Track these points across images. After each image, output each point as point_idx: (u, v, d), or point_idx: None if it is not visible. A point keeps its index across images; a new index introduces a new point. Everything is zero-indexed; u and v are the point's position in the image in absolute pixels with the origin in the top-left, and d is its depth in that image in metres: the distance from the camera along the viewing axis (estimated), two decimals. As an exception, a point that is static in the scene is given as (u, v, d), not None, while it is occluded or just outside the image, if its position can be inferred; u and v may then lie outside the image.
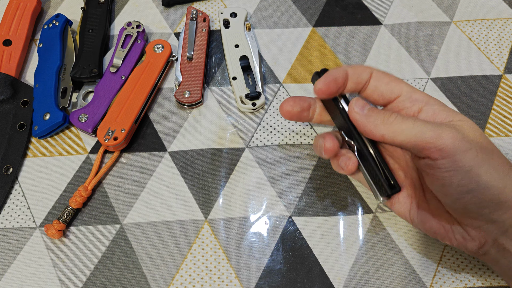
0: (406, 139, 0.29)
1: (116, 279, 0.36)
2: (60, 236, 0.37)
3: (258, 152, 0.41)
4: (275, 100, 0.44)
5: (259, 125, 0.43)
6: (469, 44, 0.48)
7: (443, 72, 0.46)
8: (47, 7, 0.50)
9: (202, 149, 0.41)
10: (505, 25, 0.49)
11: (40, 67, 0.44)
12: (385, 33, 0.48)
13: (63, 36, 0.46)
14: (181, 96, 0.43)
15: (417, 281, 0.36)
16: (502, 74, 0.46)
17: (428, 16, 0.49)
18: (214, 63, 0.46)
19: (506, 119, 0.43)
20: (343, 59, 0.47)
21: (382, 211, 0.39)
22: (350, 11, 0.50)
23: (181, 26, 0.49)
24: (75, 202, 0.38)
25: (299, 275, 0.36)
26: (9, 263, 0.37)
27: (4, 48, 0.45)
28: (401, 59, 0.47)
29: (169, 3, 0.50)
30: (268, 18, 0.49)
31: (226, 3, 0.51)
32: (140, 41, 0.45)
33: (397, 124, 0.29)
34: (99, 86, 0.43)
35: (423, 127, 0.28)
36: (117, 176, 0.40)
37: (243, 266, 0.36)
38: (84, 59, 0.44)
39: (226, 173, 0.40)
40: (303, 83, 0.45)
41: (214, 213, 0.38)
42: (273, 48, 0.47)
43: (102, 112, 0.41)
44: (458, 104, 0.44)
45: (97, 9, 0.47)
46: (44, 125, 0.41)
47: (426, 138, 0.28)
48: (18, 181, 0.40)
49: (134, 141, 0.42)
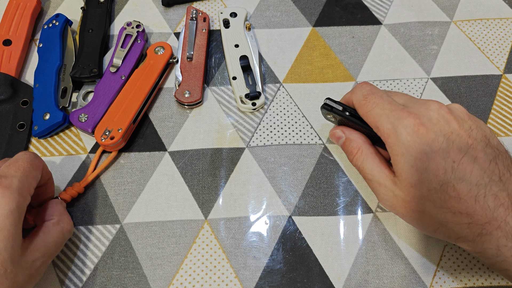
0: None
1: (116, 279, 0.36)
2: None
3: (258, 152, 0.41)
4: (275, 100, 0.44)
5: (259, 125, 0.43)
6: (469, 44, 0.48)
7: (443, 72, 0.46)
8: (47, 7, 0.50)
9: (202, 149, 0.41)
10: (505, 24, 0.49)
11: (40, 67, 0.44)
12: (385, 33, 0.48)
13: (63, 36, 0.46)
14: (181, 96, 0.43)
15: (417, 281, 0.36)
16: (502, 74, 0.46)
17: (428, 16, 0.49)
18: (214, 63, 0.46)
19: (506, 118, 0.43)
20: (343, 59, 0.47)
21: (382, 211, 0.39)
22: (350, 11, 0.50)
23: (181, 26, 0.49)
24: (64, 194, 0.37)
25: (299, 275, 0.36)
26: (9, 263, 0.36)
27: (4, 48, 0.45)
28: (401, 59, 0.47)
29: (169, 3, 0.50)
30: (268, 18, 0.49)
31: (226, 3, 0.51)
32: (140, 41, 0.45)
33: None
34: (99, 86, 0.43)
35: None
36: (117, 176, 0.40)
37: (243, 266, 0.36)
38: (84, 59, 0.44)
39: (226, 173, 0.40)
40: (303, 82, 0.45)
41: (214, 213, 0.38)
42: (273, 48, 0.47)
43: (102, 112, 0.41)
44: (458, 103, 0.44)
45: (97, 9, 0.47)
46: (44, 125, 0.41)
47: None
48: (18, 181, 0.40)
49: (134, 141, 0.42)
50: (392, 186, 0.32)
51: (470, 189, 0.28)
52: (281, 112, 0.43)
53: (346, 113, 0.36)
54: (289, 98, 0.44)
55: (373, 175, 0.33)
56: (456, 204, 0.29)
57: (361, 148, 0.35)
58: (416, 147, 0.30)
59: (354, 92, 0.35)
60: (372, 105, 0.33)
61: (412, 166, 0.30)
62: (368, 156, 0.34)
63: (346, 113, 0.36)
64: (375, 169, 0.33)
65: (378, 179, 0.33)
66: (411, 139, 0.30)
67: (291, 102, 0.44)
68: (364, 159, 0.34)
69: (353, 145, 0.35)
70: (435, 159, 0.29)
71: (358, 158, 0.35)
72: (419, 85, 0.45)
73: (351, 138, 0.36)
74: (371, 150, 0.35)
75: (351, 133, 0.36)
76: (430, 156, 0.29)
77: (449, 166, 0.29)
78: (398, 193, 0.31)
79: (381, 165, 0.33)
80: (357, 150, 0.35)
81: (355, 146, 0.35)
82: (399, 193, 0.31)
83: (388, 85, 0.45)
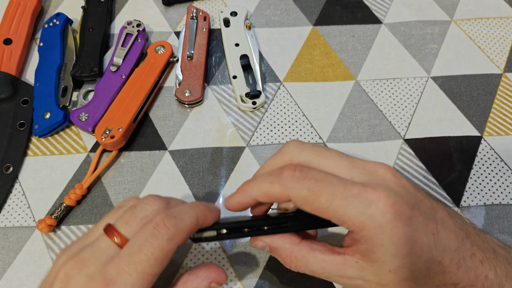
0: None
1: (116, 278, 0.36)
2: (49, 230, 0.37)
3: (258, 151, 0.41)
4: (275, 99, 0.44)
5: (259, 124, 0.43)
6: (469, 42, 0.48)
7: (443, 70, 0.46)
8: (47, 6, 0.50)
9: (202, 148, 0.41)
10: (505, 23, 0.49)
11: (41, 66, 0.44)
12: (385, 31, 0.48)
13: (64, 35, 0.46)
14: (181, 95, 0.43)
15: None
16: (502, 73, 0.46)
17: (428, 14, 0.49)
18: (214, 62, 0.46)
19: (506, 117, 0.43)
20: (343, 57, 0.47)
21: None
22: (350, 10, 0.50)
23: (182, 25, 0.49)
24: (69, 199, 0.38)
25: (299, 275, 0.36)
26: (9, 262, 0.37)
27: (4, 47, 0.45)
28: (401, 57, 0.47)
29: (169, 2, 0.50)
30: (268, 17, 0.49)
31: (227, 2, 0.51)
32: (141, 40, 0.45)
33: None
34: (99, 85, 0.43)
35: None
36: (117, 175, 0.40)
37: (243, 265, 0.36)
38: (84, 58, 0.44)
39: (227, 172, 0.40)
40: (304, 81, 0.45)
41: (215, 212, 0.38)
42: (274, 47, 0.47)
43: (103, 111, 0.41)
44: (458, 103, 0.44)
45: (97, 8, 0.47)
46: (44, 124, 0.41)
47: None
48: (18, 180, 0.40)
49: (134, 140, 0.42)
50: (358, 273, 0.27)
51: (452, 257, 0.26)
52: (282, 111, 0.43)
53: (223, 232, 0.29)
54: (289, 97, 0.44)
55: (328, 273, 0.28)
56: (441, 277, 0.26)
57: (292, 254, 0.29)
58: (398, 233, 0.25)
59: (287, 186, 0.27)
60: (327, 197, 0.26)
61: (393, 255, 0.25)
62: (308, 258, 0.28)
63: (224, 231, 0.29)
64: (327, 267, 0.28)
65: (335, 274, 0.28)
66: (392, 225, 0.25)
67: (292, 101, 0.44)
68: (307, 263, 0.28)
69: (282, 254, 0.29)
70: (418, 238, 0.26)
71: (298, 265, 0.29)
72: (419, 84, 0.45)
73: (275, 247, 0.29)
74: (306, 250, 0.28)
75: (271, 240, 0.29)
76: (413, 238, 0.25)
77: (431, 241, 0.26)
78: (370, 278, 0.27)
79: (329, 258, 0.28)
80: (289, 258, 0.29)
81: (285, 254, 0.29)
82: (371, 277, 0.27)
83: (388, 84, 0.45)
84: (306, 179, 0.27)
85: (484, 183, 0.40)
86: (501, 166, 0.40)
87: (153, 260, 0.25)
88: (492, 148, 0.41)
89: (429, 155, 0.41)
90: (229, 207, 0.30)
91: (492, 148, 0.41)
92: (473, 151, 0.41)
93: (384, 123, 0.43)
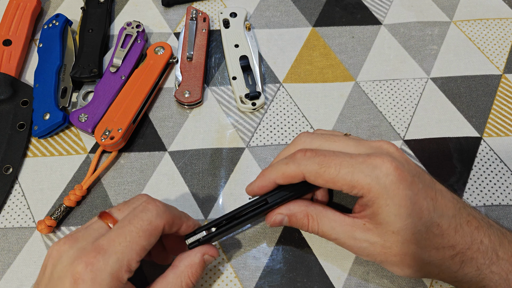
0: None
1: (116, 279, 0.36)
2: (49, 231, 0.37)
3: (258, 152, 0.41)
4: (275, 100, 0.44)
5: (259, 125, 0.43)
6: (468, 44, 0.48)
7: (443, 72, 0.46)
8: (47, 7, 0.50)
9: (202, 148, 0.41)
10: (505, 24, 0.49)
11: (40, 67, 0.44)
12: (385, 33, 0.48)
13: (63, 36, 0.46)
14: (181, 96, 0.43)
15: (417, 281, 0.36)
16: (502, 74, 0.46)
17: (428, 16, 0.49)
18: (214, 63, 0.46)
19: (506, 118, 0.43)
20: (343, 59, 0.47)
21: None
22: (350, 11, 0.50)
23: (181, 26, 0.49)
24: (68, 200, 0.38)
25: (299, 275, 0.36)
26: (9, 263, 0.37)
27: (4, 48, 0.45)
28: (400, 59, 0.47)
29: (169, 3, 0.50)
30: (268, 18, 0.49)
31: (226, 3, 0.51)
32: (140, 41, 0.45)
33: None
34: (99, 86, 0.43)
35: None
36: (117, 176, 0.40)
37: (243, 265, 0.36)
38: (84, 59, 0.44)
39: (226, 172, 0.40)
40: (303, 82, 0.45)
41: (214, 213, 0.38)
42: (273, 48, 0.47)
43: (102, 112, 0.41)
44: (458, 104, 0.44)
45: (97, 9, 0.47)
46: (44, 125, 0.41)
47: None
48: (18, 181, 0.40)
49: (134, 141, 0.42)
50: (365, 235, 0.29)
51: (450, 222, 0.29)
52: (281, 112, 0.43)
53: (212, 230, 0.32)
54: (289, 98, 0.44)
55: (337, 233, 0.30)
56: (440, 240, 0.29)
57: (308, 213, 0.31)
58: (400, 194, 0.28)
59: (300, 164, 0.30)
60: (335, 167, 0.29)
61: (395, 215, 0.28)
62: (321, 217, 0.31)
63: (213, 230, 0.32)
64: (336, 227, 0.30)
65: (343, 235, 0.30)
66: (395, 187, 0.28)
67: (291, 102, 0.44)
68: (319, 223, 0.31)
69: (300, 217, 0.32)
70: (418, 201, 0.28)
71: (313, 225, 0.31)
72: (419, 85, 0.45)
73: (292, 213, 0.32)
74: (319, 209, 0.32)
75: (288, 208, 0.32)
76: (413, 200, 0.28)
77: (430, 205, 0.28)
78: (375, 240, 0.29)
79: (340, 219, 0.31)
80: (307, 218, 0.31)
81: (302, 216, 0.32)
82: (376, 239, 0.29)
83: (388, 85, 0.45)
84: (316, 156, 0.30)
85: (483, 184, 0.40)
86: (501, 167, 0.40)
87: (142, 232, 0.28)
88: (492, 149, 0.41)
89: (429, 156, 0.41)
90: (251, 192, 0.33)
91: (491, 149, 0.41)
92: (472, 152, 0.41)
93: (383, 124, 0.43)
